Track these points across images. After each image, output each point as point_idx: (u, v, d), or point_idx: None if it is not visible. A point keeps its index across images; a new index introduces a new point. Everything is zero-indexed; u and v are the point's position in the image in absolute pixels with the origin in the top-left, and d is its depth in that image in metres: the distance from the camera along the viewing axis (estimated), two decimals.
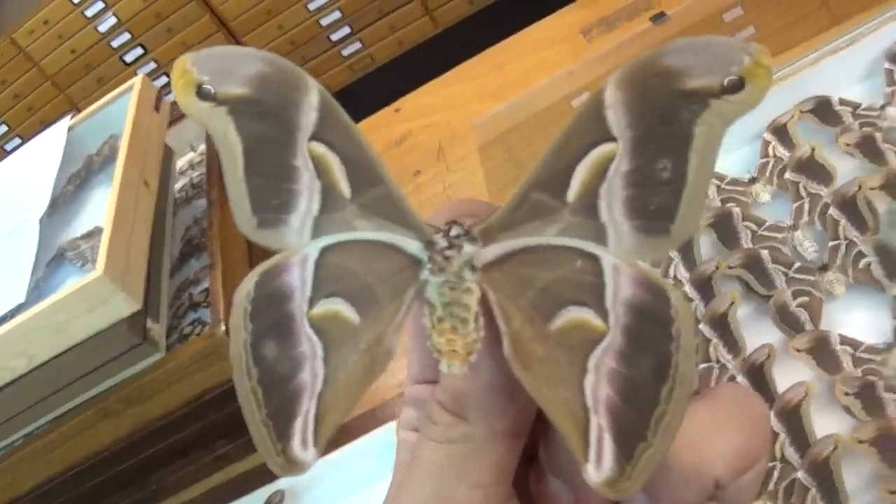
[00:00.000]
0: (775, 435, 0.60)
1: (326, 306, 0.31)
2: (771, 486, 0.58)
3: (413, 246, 0.31)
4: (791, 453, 0.59)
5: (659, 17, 0.90)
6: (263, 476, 0.79)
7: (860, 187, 0.68)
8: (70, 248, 0.79)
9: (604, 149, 0.29)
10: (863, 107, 0.74)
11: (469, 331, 0.29)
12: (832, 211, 0.68)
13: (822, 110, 0.75)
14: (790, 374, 0.62)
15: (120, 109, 0.86)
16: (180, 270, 0.83)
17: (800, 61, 0.77)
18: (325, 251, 0.31)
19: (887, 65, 0.75)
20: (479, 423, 0.30)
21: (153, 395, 0.75)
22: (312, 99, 0.31)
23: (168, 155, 0.91)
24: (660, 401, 0.28)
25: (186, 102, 0.31)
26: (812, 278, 0.67)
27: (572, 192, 0.30)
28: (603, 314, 0.29)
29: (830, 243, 0.68)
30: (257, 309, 0.30)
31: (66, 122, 0.90)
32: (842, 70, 0.77)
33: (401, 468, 0.34)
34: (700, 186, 0.29)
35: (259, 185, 0.32)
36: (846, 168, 0.72)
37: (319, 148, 0.31)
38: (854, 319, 0.66)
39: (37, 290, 0.76)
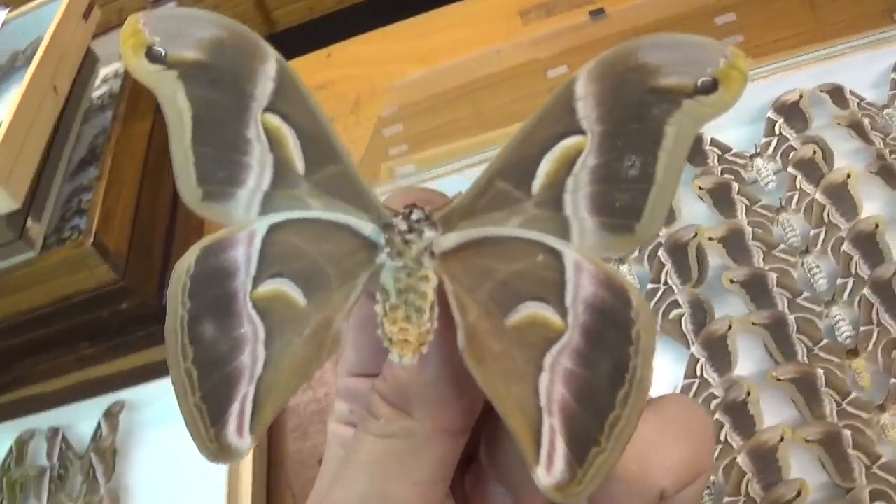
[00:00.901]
0: None
1: (272, 286, 0.30)
2: None
3: (368, 228, 0.30)
4: None
5: (597, 14, 0.90)
6: (120, 382, 0.83)
7: (696, 235, 0.68)
8: None
9: (572, 141, 0.29)
10: (732, 152, 0.74)
11: (423, 320, 0.28)
12: (661, 253, 0.69)
13: (691, 148, 0.74)
14: None
15: (52, 11, 0.87)
16: (77, 175, 0.85)
17: None
18: (273, 228, 0.30)
19: (771, 114, 0.74)
20: (422, 418, 0.30)
21: (24, 289, 0.78)
22: (269, 68, 0.30)
23: (90, 63, 0.92)
24: (615, 405, 0.27)
25: (134, 64, 0.30)
26: None
27: (537, 184, 0.29)
28: (562, 312, 0.28)
29: (650, 285, 0.68)
30: (197, 285, 0.30)
31: (2, 15, 0.92)
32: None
33: (332, 461, 0.34)
34: (668, 186, 0.28)
35: (207, 155, 0.31)
36: (693, 211, 0.72)
37: (274, 120, 0.30)
38: None
39: None
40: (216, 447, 0.29)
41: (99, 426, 0.81)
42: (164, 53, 0.30)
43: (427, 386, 0.30)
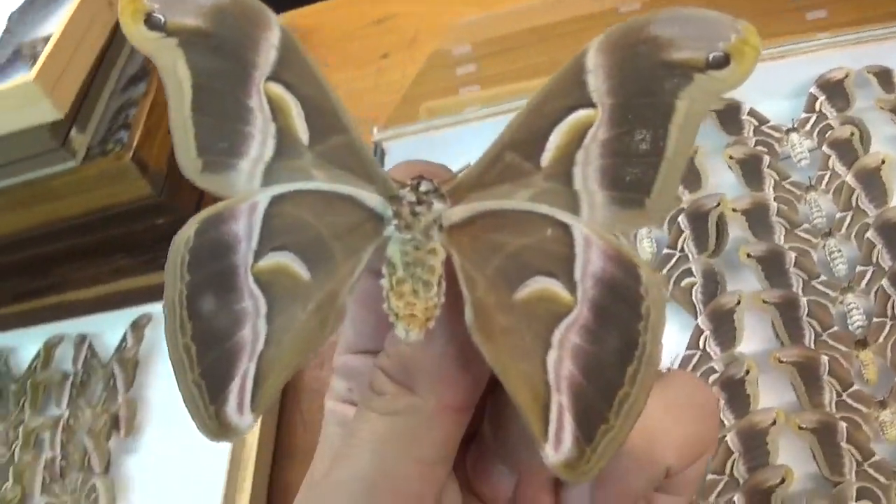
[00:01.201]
0: None
1: (274, 260, 0.29)
2: None
3: (373, 200, 0.29)
4: None
5: None
6: (150, 296, 0.85)
7: (719, 204, 0.67)
8: (28, 48, 0.82)
9: (582, 114, 0.29)
10: (769, 124, 0.72)
11: (431, 294, 0.27)
12: (681, 219, 0.68)
13: (728, 114, 0.74)
14: None
15: None
16: (127, 90, 0.86)
17: None
18: (276, 200, 0.30)
19: (814, 90, 0.72)
20: (427, 395, 0.29)
21: (63, 197, 0.80)
22: (273, 36, 0.30)
23: None
24: (624, 382, 0.27)
25: (133, 31, 0.30)
26: None
27: (547, 157, 0.29)
28: (571, 287, 0.28)
29: (666, 250, 0.68)
30: (196, 258, 0.29)
31: None
32: (769, 80, 0.74)
33: (330, 439, 0.34)
34: (678, 161, 0.28)
35: (207, 125, 0.30)
36: (721, 181, 0.71)
37: (277, 89, 0.30)
38: None
39: None
40: (215, 425, 0.28)
41: (125, 337, 0.83)
42: (163, 20, 0.29)
43: (432, 362, 0.29)
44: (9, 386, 0.85)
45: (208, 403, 0.28)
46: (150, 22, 0.29)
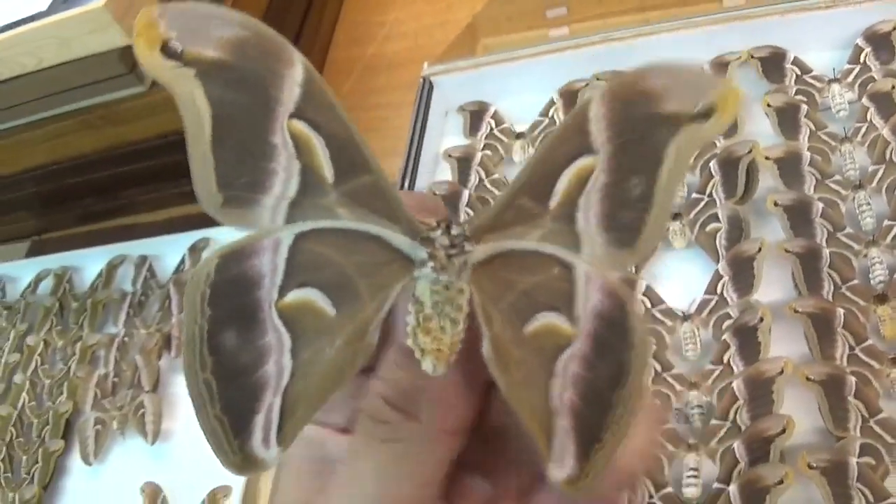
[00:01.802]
0: None
1: (299, 295, 0.29)
2: None
3: (401, 241, 0.30)
4: None
5: None
6: (212, 220, 0.88)
7: (751, 151, 0.67)
8: None
9: (585, 161, 0.31)
10: (811, 74, 0.71)
11: (458, 330, 0.28)
12: (712, 164, 0.68)
13: (772, 62, 0.73)
14: None
15: None
16: None
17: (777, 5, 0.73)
18: (300, 237, 0.30)
19: (860, 41, 0.71)
20: (430, 421, 0.30)
21: (131, 120, 0.83)
22: (296, 73, 0.30)
23: None
24: (615, 405, 0.29)
25: (149, 58, 0.29)
26: None
27: (554, 200, 0.31)
28: (573, 320, 0.30)
29: (694, 194, 0.68)
30: (217, 294, 0.29)
31: None
32: (816, 29, 0.73)
33: (299, 461, 0.33)
34: (665, 205, 0.31)
35: (228, 159, 0.30)
36: (757, 128, 0.70)
37: (301, 126, 0.30)
38: (674, 276, 0.66)
39: (66, 4, 0.85)
40: (240, 458, 0.29)
41: (183, 260, 0.87)
42: (180, 49, 0.29)
43: (439, 389, 0.30)
44: (70, 304, 0.90)
45: (232, 438, 0.29)
46: (167, 50, 0.29)
